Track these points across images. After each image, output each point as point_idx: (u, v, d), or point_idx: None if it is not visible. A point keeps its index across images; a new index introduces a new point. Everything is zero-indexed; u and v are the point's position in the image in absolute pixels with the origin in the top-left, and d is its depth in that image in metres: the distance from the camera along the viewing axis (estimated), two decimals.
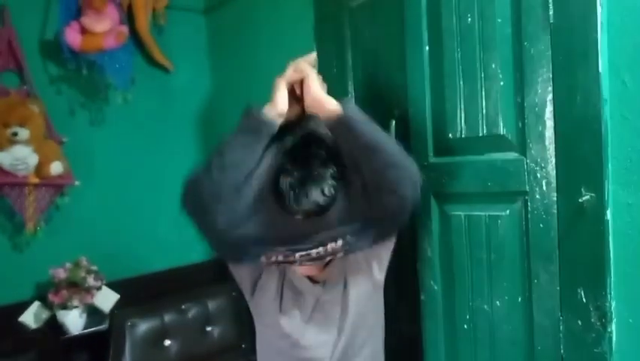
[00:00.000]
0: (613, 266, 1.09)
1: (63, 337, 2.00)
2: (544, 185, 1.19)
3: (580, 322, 1.14)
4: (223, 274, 1.29)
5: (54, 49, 2.16)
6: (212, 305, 2.23)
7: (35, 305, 2.06)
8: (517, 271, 1.27)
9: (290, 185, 0.95)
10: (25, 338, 1.93)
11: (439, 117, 1.40)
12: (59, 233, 2.19)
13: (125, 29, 2.21)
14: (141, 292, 2.28)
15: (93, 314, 2.12)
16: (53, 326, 2.02)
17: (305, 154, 1.00)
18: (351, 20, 1.76)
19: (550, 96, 1.16)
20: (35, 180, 2.04)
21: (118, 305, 2.16)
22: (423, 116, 1.44)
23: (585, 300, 1.13)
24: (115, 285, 2.21)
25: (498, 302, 1.31)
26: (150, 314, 2.10)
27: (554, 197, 1.17)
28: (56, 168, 2.07)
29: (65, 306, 2.00)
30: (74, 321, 2.04)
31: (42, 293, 2.08)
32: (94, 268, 2.11)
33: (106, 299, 2.15)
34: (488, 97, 1.27)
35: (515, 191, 1.24)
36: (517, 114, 1.23)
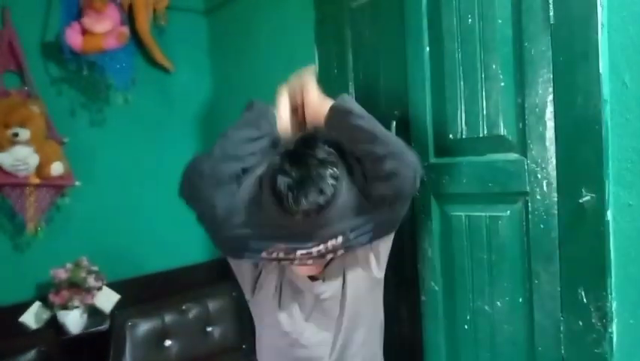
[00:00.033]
0: (614, 267, 1.09)
1: (64, 337, 2.00)
2: (544, 186, 1.19)
3: (581, 322, 1.14)
4: (224, 274, 1.30)
5: (55, 49, 2.17)
6: (212, 306, 2.23)
7: (36, 306, 2.06)
8: (517, 271, 1.27)
9: (288, 186, 0.95)
10: (25, 339, 1.93)
11: (440, 118, 1.40)
12: (60, 233, 2.20)
13: (126, 30, 2.21)
14: (142, 292, 2.28)
15: (94, 315, 2.12)
16: (54, 327, 2.02)
17: (303, 155, 1.00)
18: (351, 21, 1.76)
19: (550, 97, 1.16)
20: (36, 181, 2.04)
21: (118, 306, 2.16)
22: (423, 116, 1.44)
23: (586, 300, 1.13)
24: (115, 285, 2.21)
25: (499, 303, 1.31)
26: (151, 315, 2.10)
27: (555, 198, 1.17)
28: (57, 169, 2.07)
29: (66, 306, 2.00)
30: (75, 321, 2.04)
31: (43, 294, 2.08)
32: (94, 269, 2.11)
33: (106, 300, 2.15)
34: (489, 97, 1.27)
35: (516, 192, 1.25)
36: (517, 115, 1.23)
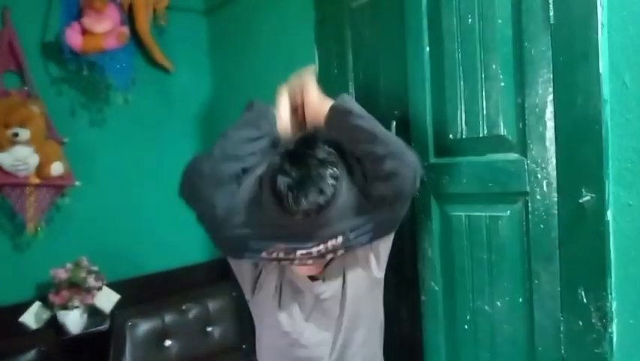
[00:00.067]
0: (614, 267, 1.09)
1: (64, 337, 2.00)
2: (544, 186, 1.19)
3: (581, 322, 1.14)
4: (224, 274, 1.30)
5: (55, 49, 2.17)
6: (212, 306, 2.23)
7: (36, 306, 2.06)
8: (517, 271, 1.27)
9: (288, 186, 0.95)
10: (25, 339, 1.93)
11: (440, 118, 1.40)
12: (60, 234, 2.20)
13: (126, 30, 2.21)
14: (142, 292, 2.28)
15: (94, 315, 2.12)
16: (54, 327, 2.02)
17: (303, 155, 1.00)
18: (351, 21, 1.76)
19: (550, 97, 1.16)
20: (36, 181, 2.04)
21: (118, 306, 2.16)
22: (423, 116, 1.44)
23: (586, 300, 1.13)
24: (115, 285, 2.21)
25: (499, 303, 1.31)
26: (151, 315, 2.10)
27: (555, 198, 1.17)
28: (57, 169, 2.07)
29: (66, 306, 2.00)
30: (75, 321, 2.04)
31: (43, 294, 2.08)
32: (94, 269, 2.11)
33: (106, 300, 2.15)
34: (489, 98, 1.27)
35: (516, 192, 1.25)
36: (517, 115, 1.23)
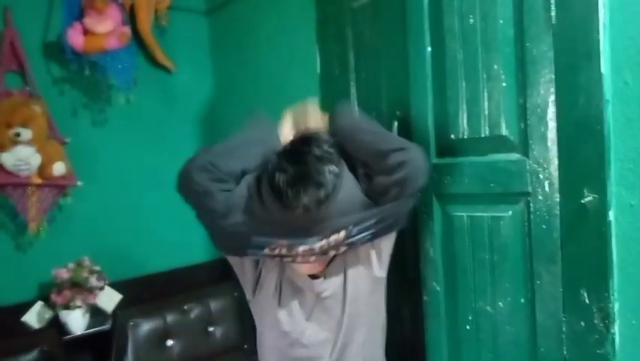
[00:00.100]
0: (616, 267, 1.09)
1: (66, 337, 2.00)
2: (546, 186, 1.18)
3: (583, 323, 1.14)
4: (225, 274, 1.30)
5: (56, 50, 2.17)
6: (214, 306, 2.24)
7: (38, 305, 2.06)
8: (519, 272, 1.26)
9: (287, 182, 0.96)
10: (27, 338, 1.94)
11: (441, 118, 1.40)
12: (62, 233, 2.20)
13: (128, 30, 2.21)
14: (144, 292, 2.29)
15: (96, 314, 2.13)
16: (56, 326, 2.02)
17: (301, 152, 1.01)
18: (353, 21, 1.76)
19: (552, 97, 1.15)
20: (38, 181, 2.04)
21: (120, 305, 2.17)
22: (425, 117, 1.43)
23: (588, 301, 1.12)
24: (117, 285, 2.22)
25: (501, 303, 1.31)
26: (153, 314, 2.10)
27: (557, 198, 1.17)
28: (59, 169, 2.07)
29: (68, 306, 2.00)
30: (77, 321, 2.04)
31: (45, 293, 2.08)
32: (96, 269, 2.11)
33: (108, 299, 2.16)
34: (490, 98, 1.27)
35: (518, 192, 1.24)
36: (519, 115, 1.22)
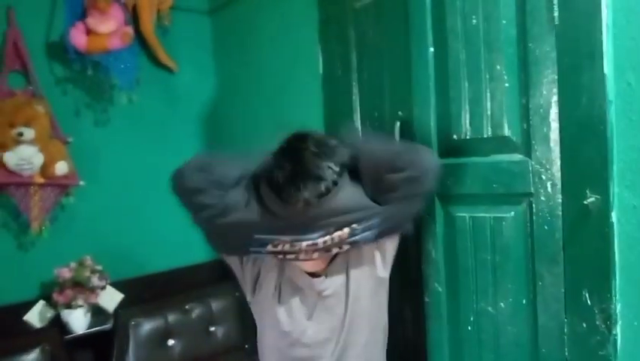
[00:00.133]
0: (618, 269, 1.09)
1: (67, 336, 2.01)
2: (549, 187, 1.18)
3: (585, 324, 1.14)
4: (227, 274, 1.30)
5: (59, 50, 2.18)
6: (215, 305, 2.24)
7: (40, 304, 2.07)
8: (521, 273, 1.26)
9: (286, 177, 0.97)
10: (29, 337, 1.94)
11: (444, 118, 1.39)
12: (64, 233, 2.20)
13: (130, 30, 2.21)
14: (145, 291, 2.29)
15: (97, 314, 2.13)
16: (58, 325, 2.03)
17: (297, 149, 1.02)
18: (355, 21, 1.76)
19: (555, 98, 1.15)
20: (40, 180, 2.05)
21: (122, 305, 2.17)
22: (427, 117, 1.43)
23: (590, 302, 1.12)
24: (119, 285, 2.22)
25: (502, 304, 1.31)
26: (154, 314, 2.10)
27: (559, 199, 1.17)
28: (61, 168, 2.07)
29: (70, 305, 2.01)
30: (79, 320, 2.04)
31: (47, 293, 2.08)
32: (98, 268, 2.11)
33: (110, 299, 2.16)
34: (493, 98, 1.27)
35: (520, 193, 1.24)
36: (522, 116, 1.22)
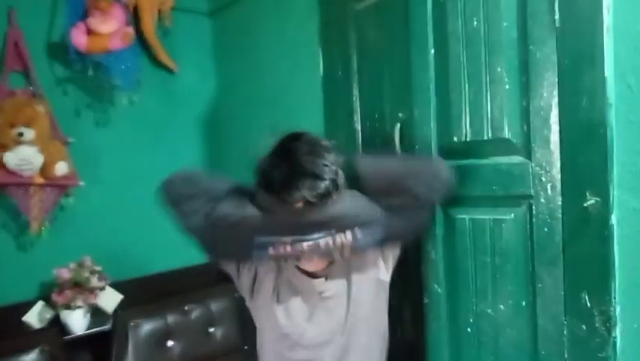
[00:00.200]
0: (618, 271, 1.09)
1: (66, 337, 2.01)
2: (549, 189, 1.18)
3: (584, 327, 1.14)
4: (226, 276, 1.30)
5: (60, 50, 2.18)
6: (215, 307, 2.23)
7: (39, 305, 2.07)
8: (521, 275, 1.26)
9: (283, 177, 0.98)
10: (28, 338, 1.93)
11: (444, 120, 1.39)
12: (64, 233, 2.20)
13: (131, 30, 2.21)
14: (145, 292, 2.28)
15: (96, 314, 2.13)
16: (57, 326, 2.02)
17: (291, 148, 1.03)
18: (356, 23, 1.76)
19: (555, 100, 1.15)
20: (40, 181, 2.05)
21: (121, 306, 2.17)
22: (428, 119, 1.43)
23: (590, 305, 1.12)
24: (118, 285, 2.22)
25: (502, 306, 1.31)
26: (153, 315, 2.10)
27: (559, 201, 1.17)
28: (61, 169, 2.07)
29: (69, 306, 2.00)
30: (78, 321, 2.04)
31: (46, 293, 2.08)
32: (98, 269, 2.11)
33: (109, 300, 2.16)
34: (493, 100, 1.27)
35: (520, 195, 1.24)
36: (522, 118, 1.22)
